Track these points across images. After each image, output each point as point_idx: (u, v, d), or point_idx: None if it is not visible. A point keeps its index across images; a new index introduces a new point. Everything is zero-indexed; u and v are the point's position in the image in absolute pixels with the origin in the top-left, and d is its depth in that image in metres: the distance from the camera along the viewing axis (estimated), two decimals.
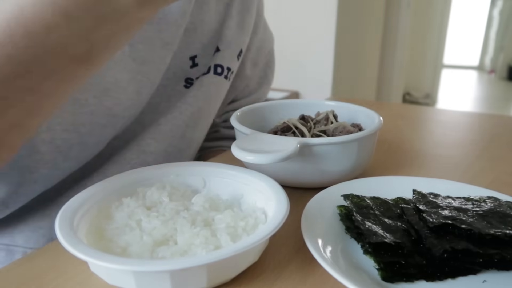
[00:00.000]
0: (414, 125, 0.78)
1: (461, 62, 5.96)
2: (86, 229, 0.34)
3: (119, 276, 0.30)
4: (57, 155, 0.46)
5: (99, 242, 0.34)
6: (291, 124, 0.52)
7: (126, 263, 0.28)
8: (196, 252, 0.32)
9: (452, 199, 0.40)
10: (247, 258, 0.33)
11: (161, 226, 0.34)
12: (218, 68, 0.59)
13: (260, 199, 0.38)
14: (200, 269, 0.29)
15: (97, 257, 0.28)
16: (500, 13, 5.31)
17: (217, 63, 0.59)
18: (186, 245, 0.32)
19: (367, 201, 0.40)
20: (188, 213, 0.36)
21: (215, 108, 0.63)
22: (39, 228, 0.49)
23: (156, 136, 0.55)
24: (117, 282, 0.31)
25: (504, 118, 0.82)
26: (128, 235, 0.33)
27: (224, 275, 0.32)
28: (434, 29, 3.90)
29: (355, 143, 0.46)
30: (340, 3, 1.91)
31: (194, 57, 0.58)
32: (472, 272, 0.33)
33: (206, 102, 0.59)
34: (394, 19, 2.63)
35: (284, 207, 0.34)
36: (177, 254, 0.32)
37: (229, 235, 0.33)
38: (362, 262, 0.34)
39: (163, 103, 0.56)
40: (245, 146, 0.42)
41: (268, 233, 0.31)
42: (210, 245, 0.32)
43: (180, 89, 0.58)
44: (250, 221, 0.35)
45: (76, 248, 0.28)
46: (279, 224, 0.32)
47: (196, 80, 0.58)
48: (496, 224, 0.35)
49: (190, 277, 0.30)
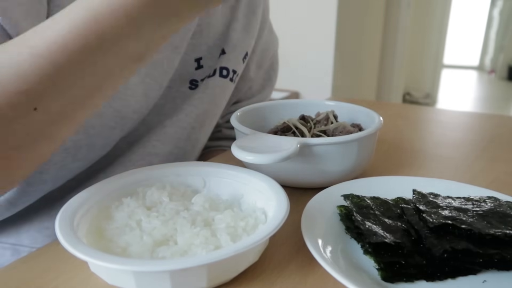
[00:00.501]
0: (414, 125, 0.78)
1: (461, 62, 5.96)
2: (86, 229, 0.34)
3: (119, 276, 0.30)
4: (66, 155, 0.46)
5: (99, 242, 0.34)
6: (291, 124, 0.52)
7: (126, 263, 0.28)
8: (196, 252, 0.32)
9: (452, 199, 0.40)
10: (247, 258, 0.33)
11: (161, 226, 0.34)
12: (224, 71, 0.60)
13: (260, 199, 0.38)
14: (200, 269, 0.29)
15: (97, 257, 0.28)
16: (500, 13, 5.30)
17: (222, 66, 0.60)
18: (186, 245, 0.32)
19: (367, 201, 0.40)
20: (188, 213, 0.36)
21: (220, 110, 0.63)
22: (44, 228, 0.50)
23: (162, 138, 0.55)
24: (117, 282, 0.31)
25: (504, 118, 0.82)
26: (128, 235, 0.33)
27: (224, 275, 0.32)
28: (434, 29, 3.90)
29: (355, 143, 0.46)
30: (340, 3, 1.91)
31: (199, 59, 0.58)
32: (472, 272, 0.33)
33: (212, 104, 0.59)
34: (394, 19, 2.63)
35: (284, 207, 0.34)
36: (177, 254, 0.32)
37: (229, 235, 0.33)
38: (362, 262, 0.34)
39: (168, 105, 0.56)
40: (245, 146, 0.42)
41: (268, 233, 0.31)
42: (210, 245, 0.32)
43: (185, 90, 0.58)
44: (250, 221, 0.35)
45: (76, 248, 0.28)
46: (279, 224, 0.32)
47: (201, 82, 0.59)
48: (496, 224, 0.35)
49: (190, 277, 0.30)
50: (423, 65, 4.02)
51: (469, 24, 5.72)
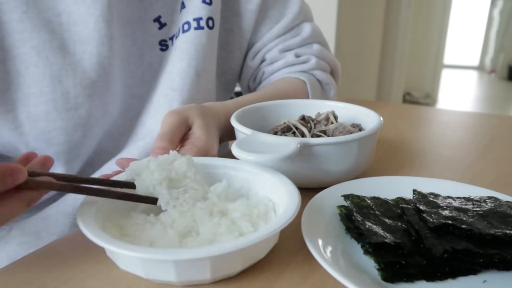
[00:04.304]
0: (414, 125, 0.78)
1: (461, 62, 5.96)
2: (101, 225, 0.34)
3: (157, 267, 0.31)
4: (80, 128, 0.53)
5: (120, 239, 0.34)
6: (291, 124, 0.52)
7: (169, 253, 0.29)
8: (221, 239, 0.33)
9: (452, 199, 0.40)
10: (267, 244, 0.34)
11: (180, 218, 0.35)
12: (194, 22, 0.59)
13: (264, 189, 0.40)
14: (234, 254, 0.30)
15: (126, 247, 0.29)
16: (500, 13, 5.30)
17: (191, 19, 0.59)
18: (212, 234, 0.33)
19: (367, 201, 0.40)
20: (204, 204, 0.37)
21: (212, 62, 0.63)
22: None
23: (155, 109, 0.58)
24: (155, 276, 0.31)
25: (504, 118, 0.82)
26: (150, 230, 0.34)
27: (251, 259, 0.33)
28: (434, 29, 3.90)
29: (355, 143, 0.46)
30: (340, 3, 1.91)
31: (158, 18, 0.59)
32: (473, 272, 0.33)
33: (194, 58, 0.59)
34: (394, 19, 2.63)
35: (296, 196, 0.35)
36: (205, 243, 0.33)
37: (249, 222, 0.34)
38: (363, 262, 0.34)
39: (147, 73, 0.58)
40: (245, 146, 0.42)
41: (291, 216, 0.32)
42: (235, 232, 0.33)
43: (157, 53, 0.59)
44: (262, 208, 0.37)
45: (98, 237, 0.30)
46: (296, 210, 0.33)
47: (171, 40, 0.59)
48: (496, 224, 0.35)
49: (225, 263, 0.31)
50: (423, 65, 4.02)
51: (469, 24, 5.72)
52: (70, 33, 0.51)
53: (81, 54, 0.51)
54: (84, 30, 0.51)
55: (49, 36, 0.49)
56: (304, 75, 0.68)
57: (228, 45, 0.68)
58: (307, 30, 0.71)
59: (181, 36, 0.59)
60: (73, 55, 0.50)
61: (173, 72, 0.58)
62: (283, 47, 0.69)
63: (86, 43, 0.51)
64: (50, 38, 0.49)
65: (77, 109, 0.50)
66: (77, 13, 0.50)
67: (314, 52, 0.71)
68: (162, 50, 0.59)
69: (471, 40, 5.82)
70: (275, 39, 0.70)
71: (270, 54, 0.70)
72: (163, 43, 0.59)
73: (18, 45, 0.48)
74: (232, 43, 0.68)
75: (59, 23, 0.50)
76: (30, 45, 0.48)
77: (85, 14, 0.50)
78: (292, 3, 0.70)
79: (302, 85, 0.68)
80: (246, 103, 0.57)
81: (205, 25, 0.59)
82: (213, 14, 0.61)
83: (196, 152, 0.45)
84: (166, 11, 0.59)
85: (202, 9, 0.59)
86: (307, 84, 0.67)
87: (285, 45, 0.70)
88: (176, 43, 0.59)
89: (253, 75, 0.73)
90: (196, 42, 0.59)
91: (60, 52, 0.50)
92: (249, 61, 0.71)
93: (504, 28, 5.26)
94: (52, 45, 0.49)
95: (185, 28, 0.59)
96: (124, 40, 0.56)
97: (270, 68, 0.70)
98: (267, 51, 0.70)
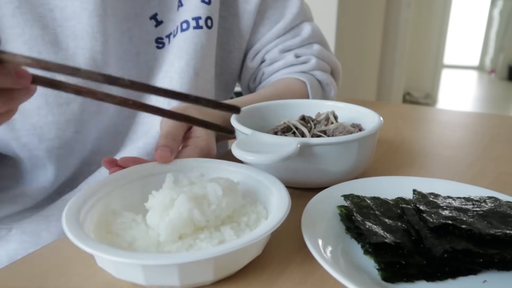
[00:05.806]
0: (414, 125, 0.78)
1: (461, 62, 5.95)
2: (95, 224, 0.35)
3: (128, 270, 0.30)
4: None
5: (106, 237, 0.34)
6: (291, 124, 0.52)
7: (135, 257, 0.29)
8: (201, 246, 0.32)
9: (452, 199, 0.40)
10: (250, 251, 0.33)
11: None
12: (193, 21, 0.59)
13: (261, 195, 0.39)
14: (207, 262, 0.30)
15: (106, 251, 0.28)
16: (500, 13, 5.30)
17: (190, 18, 0.59)
18: (191, 240, 0.33)
19: (367, 201, 0.40)
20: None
21: (211, 62, 0.63)
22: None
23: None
24: (125, 276, 0.31)
25: (504, 118, 0.82)
26: (134, 229, 0.34)
27: (229, 268, 0.33)
28: (434, 29, 3.90)
29: (355, 143, 0.46)
30: (340, 3, 1.90)
31: (154, 15, 0.59)
32: (473, 272, 0.33)
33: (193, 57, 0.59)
34: (394, 19, 2.63)
35: (286, 202, 0.34)
36: (182, 248, 0.32)
37: (233, 230, 0.34)
38: (363, 262, 0.34)
39: (143, 70, 0.58)
40: (245, 146, 0.42)
41: (270, 228, 0.31)
42: (214, 240, 0.33)
43: (153, 51, 0.58)
44: (253, 216, 0.36)
45: (85, 243, 0.29)
46: (282, 218, 0.32)
47: (168, 38, 0.59)
48: (496, 224, 0.35)
49: (197, 270, 0.30)
50: (423, 65, 4.02)
51: (469, 24, 5.72)
52: (63, 28, 0.51)
53: (74, 49, 0.51)
54: (77, 25, 0.51)
55: (41, 31, 0.49)
56: (304, 76, 0.68)
57: (228, 45, 0.68)
58: (307, 30, 0.71)
59: (179, 35, 0.59)
60: (66, 50, 0.50)
61: (172, 71, 0.58)
62: (283, 48, 0.69)
63: (79, 38, 0.51)
64: (42, 33, 0.49)
65: (69, 104, 0.50)
66: (70, 8, 0.50)
67: (314, 52, 0.71)
68: (158, 47, 0.59)
69: (471, 40, 5.82)
70: (275, 39, 0.70)
71: (270, 55, 0.70)
72: (159, 40, 0.59)
73: (10, 40, 0.48)
74: (231, 43, 0.68)
75: (52, 18, 0.50)
76: (22, 40, 0.48)
77: (78, 9, 0.50)
78: (292, 3, 0.69)
79: (302, 86, 0.68)
80: (245, 104, 0.57)
81: (204, 25, 0.59)
82: (212, 14, 0.61)
83: (198, 152, 0.45)
84: (162, 9, 0.59)
85: (201, 8, 0.59)
86: (307, 84, 0.67)
87: (285, 45, 0.70)
88: (174, 41, 0.59)
89: (253, 75, 0.73)
90: (195, 41, 0.59)
91: (53, 47, 0.50)
92: (249, 61, 0.71)
93: (504, 28, 5.26)
94: (44, 40, 0.49)
95: (183, 27, 0.59)
96: (120, 37, 0.56)
97: (270, 68, 0.70)
98: (267, 52, 0.70)
